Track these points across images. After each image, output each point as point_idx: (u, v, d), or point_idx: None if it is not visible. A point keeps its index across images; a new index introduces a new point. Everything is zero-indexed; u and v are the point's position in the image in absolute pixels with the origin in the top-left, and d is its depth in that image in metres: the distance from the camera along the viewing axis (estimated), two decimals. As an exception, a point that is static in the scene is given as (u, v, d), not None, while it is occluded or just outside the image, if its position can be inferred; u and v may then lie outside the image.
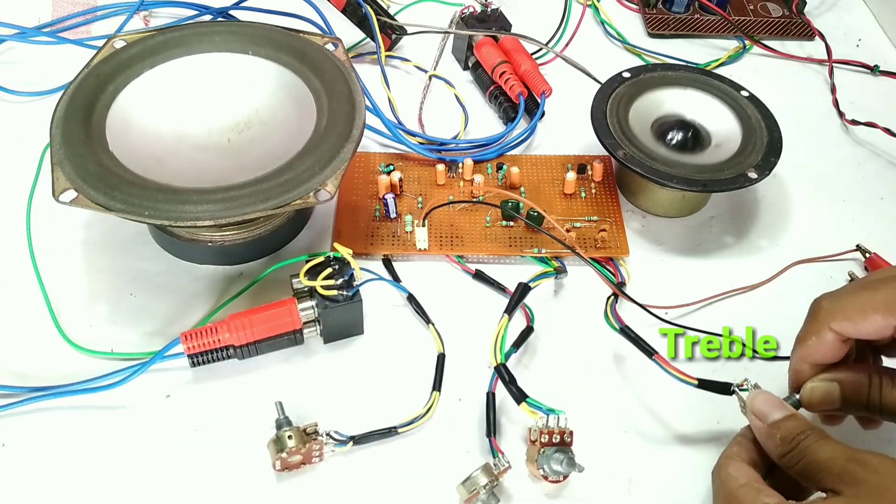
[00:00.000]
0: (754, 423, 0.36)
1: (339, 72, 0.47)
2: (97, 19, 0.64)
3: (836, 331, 0.36)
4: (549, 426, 0.38)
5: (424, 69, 0.62)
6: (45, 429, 0.41)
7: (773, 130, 0.51)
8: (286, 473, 0.39)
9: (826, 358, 0.37)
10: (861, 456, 0.32)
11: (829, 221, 0.53)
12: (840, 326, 0.36)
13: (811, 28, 0.67)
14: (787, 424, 0.35)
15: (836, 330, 0.36)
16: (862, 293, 0.36)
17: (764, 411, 0.36)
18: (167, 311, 0.46)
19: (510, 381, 0.41)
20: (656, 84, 0.53)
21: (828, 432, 0.34)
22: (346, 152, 0.43)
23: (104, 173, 0.41)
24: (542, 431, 0.38)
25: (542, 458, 0.37)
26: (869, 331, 0.35)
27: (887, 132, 0.57)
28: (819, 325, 0.36)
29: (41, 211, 0.49)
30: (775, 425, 0.35)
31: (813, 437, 0.34)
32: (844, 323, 0.36)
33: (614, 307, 0.44)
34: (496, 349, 0.42)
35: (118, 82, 0.47)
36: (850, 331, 0.36)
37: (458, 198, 0.52)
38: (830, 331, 0.36)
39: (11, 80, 0.59)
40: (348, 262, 0.43)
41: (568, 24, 0.64)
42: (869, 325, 0.35)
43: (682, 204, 0.52)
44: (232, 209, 0.41)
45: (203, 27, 0.50)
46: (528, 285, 0.45)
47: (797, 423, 0.35)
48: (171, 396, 0.42)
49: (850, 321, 0.36)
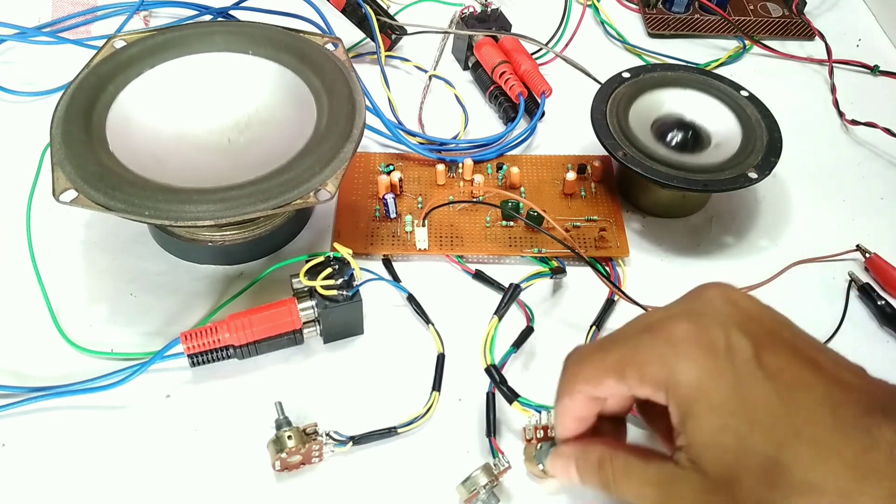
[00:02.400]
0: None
1: (339, 72, 0.47)
2: (97, 19, 0.64)
3: (584, 395, 0.33)
4: (543, 422, 0.38)
5: (424, 69, 0.62)
6: (45, 429, 0.41)
7: (773, 130, 0.51)
8: (286, 474, 0.39)
9: (582, 413, 0.34)
10: None
11: (829, 221, 0.53)
12: (583, 388, 0.33)
13: (811, 28, 0.67)
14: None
15: (584, 394, 0.33)
16: (596, 354, 0.33)
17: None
18: (167, 311, 0.46)
19: (501, 382, 0.41)
20: (656, 84, 0.53)
21: None
22: (346, 152, 0.43)
23: (104, 173, 0.41)
24: (537, 428, 0.38)
25: (540, 453, 0.37)
26: (608, 394, 0.33)
27: (887, 132, 0.57)
28: (568, 384, 0.34)
29: (41, 211, 0.49)
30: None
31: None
32: (585, 386, 0.33)
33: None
34: (486, 350, 0.43)
35: (118, 82, 0.47)
36: (592, 392, 0.33)
37: (458, 198, 0.52)
38: (579, 395, 0.34)
39: (11, 80, 0.59)
40: (348, 262, 0.43)
41: (568, 24, 0.64)
42: (604, 389, 0.33)
43: (682, 204, 0.52)
44: (232, 209, 0.41)
45: (203, 27, 0.50)
46: (518, 286, 0.45)
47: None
48: (171, 396, 0.42)
49: (588, 384, 0.33)
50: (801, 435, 0.29)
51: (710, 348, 0.30)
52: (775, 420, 0.29)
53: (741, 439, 0.29)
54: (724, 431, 0.30)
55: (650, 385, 0.31)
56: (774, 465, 0.29)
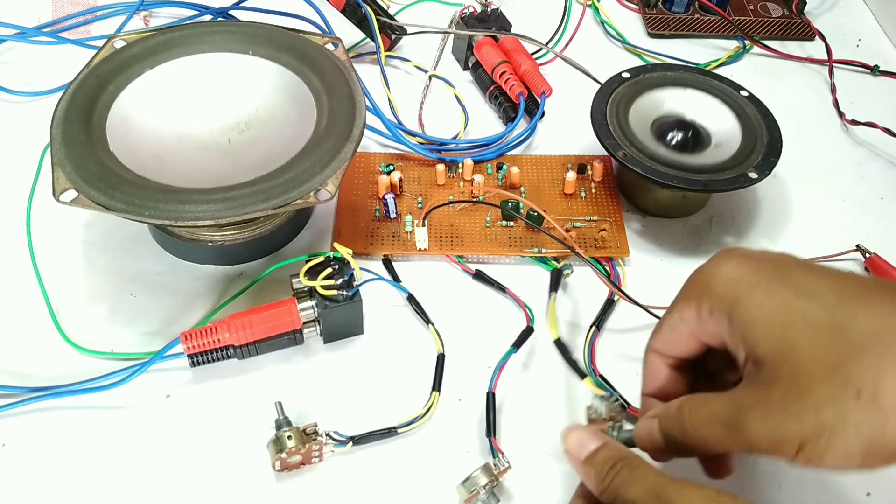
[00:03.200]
0: (571, 463, 0.33)
1: (339, 72, 0.47)
2: (97, 19, 0.64)
3: (652, 352, 0.35)
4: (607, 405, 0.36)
5: (424, 69, 0.62)
6: (45, 429, 0.41)
7: (773, 130, 0.51)
8: (286, 474, 0.39)
9: (657, 368, 0.35)
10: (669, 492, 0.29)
11: (829, 221, 0.53)
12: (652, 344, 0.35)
13: (811, 28, 0.67)
14: (598, 458, 0.32)
15: (652, 349, 0.35)
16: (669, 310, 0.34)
17: (577, 448, 0.33)
18: (167, 311, 0.46)
19: (568, 358, 0.41)
20: (656, 84, 0.53)
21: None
22: (347, 152, 0.43)
23: (104, 173, 0.41)
24: (601, 409, 0.36)
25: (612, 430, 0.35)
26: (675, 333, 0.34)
27: (887, 132, 0.57)
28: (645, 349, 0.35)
29: (41, 211, 0.49)
30: (589, 461, 0.32)
31: (624, 470, 0.31)
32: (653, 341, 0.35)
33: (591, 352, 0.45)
34: (553, 324, 0.43)
35: (118, 82, 0.47)
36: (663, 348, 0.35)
37: (458, 198, 0.52)
38: (648, 352, 0.35)
39: (11, 80, 0.59)
40: (348, 262, 0.43)
41: (568, 24, 0.64)
42: (665, 332, 0.34)
43: (682, 204, 0.52)
44: (232, 209, 0.41)
45: (203, 27, 0.50)
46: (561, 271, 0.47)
47: (608, 455, 0.32)
48: (170, 396, 0.42)
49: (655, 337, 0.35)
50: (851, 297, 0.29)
51: (749, 256, 0.32)
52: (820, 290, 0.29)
53: (786, 304, 0.29)
54: (768, 299, 0.30)
55: (693, 300, 0.32)
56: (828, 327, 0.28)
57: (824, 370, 0.28)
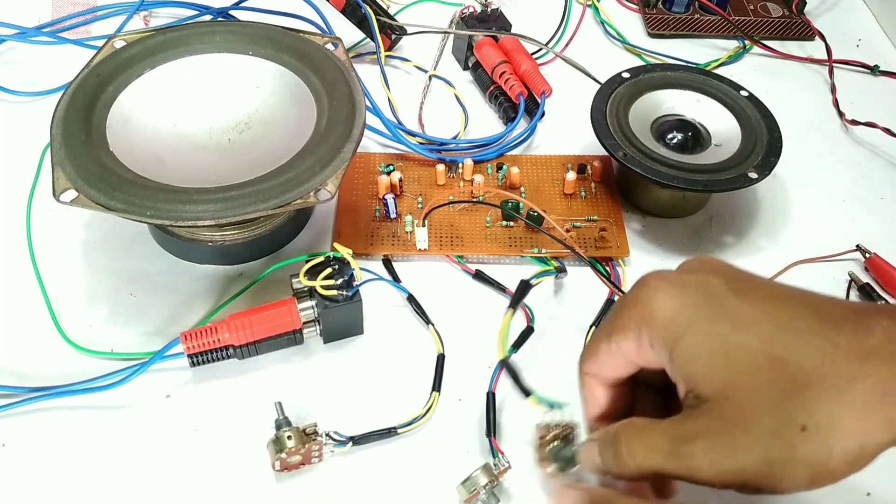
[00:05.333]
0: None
1: (339, 72, 0.47)
2: (97, 19, 0.64)
3: (587, 373, 0.35)
4: (557, 419, 0.37)
5: (424, 69, 0.62)
6: (45, 429, 0.41)
7: (773, 130, 0.51)
8: (285, 474, 0.39)
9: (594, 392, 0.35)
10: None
11: (829, 221, 0.53)
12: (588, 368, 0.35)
13: (811, 28, 0.67)
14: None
15: (587, 372, 0.35)
16: (593, 338, 0.35)
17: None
18: (167, 311, 0.46)
19: (515, 377, 0.41)
20: (656, 84, 0.53)
21: None
22: (347, 152, 0.43)
23: (104, 173, 0.41)
24: (550, 426, 0.37)
25: (554, 451, 0.36)
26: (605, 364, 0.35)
27: (887, 132, 0.57)
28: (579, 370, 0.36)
29: (41, 211, 0.49)
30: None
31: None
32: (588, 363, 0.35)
33: None
34: (502, 343, 0.42)
35: (118, 82, 0.47)
36: (593, 369, 0.35)
37: (458, 198, 0.52)
38: (584, 373, 0.35)
39: (11, 80, 0.59)
40: (348, 262, 0.43)
41: (568, 24, 0.64)
42: (600, 359, 0.34)
43: (682, 204, 0.52)
44: (232, 209, 0.41)
45: (203, 27, 0.50)
46: (529, 282, 0.45)
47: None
48: (170, 396, 0.42)
49: (588, 360, 0.35)
50: (788, 329, 0.29)
51: (684, 285, 0.31)
52: (756, 320, 0.29)
53: (726, 339, 0.29)
54: (708, 337, 0.30)
55: (632, 331, 0.32)
56: (768, 360, 0.28)
57: (769, 404, 0.28)
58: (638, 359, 0.33)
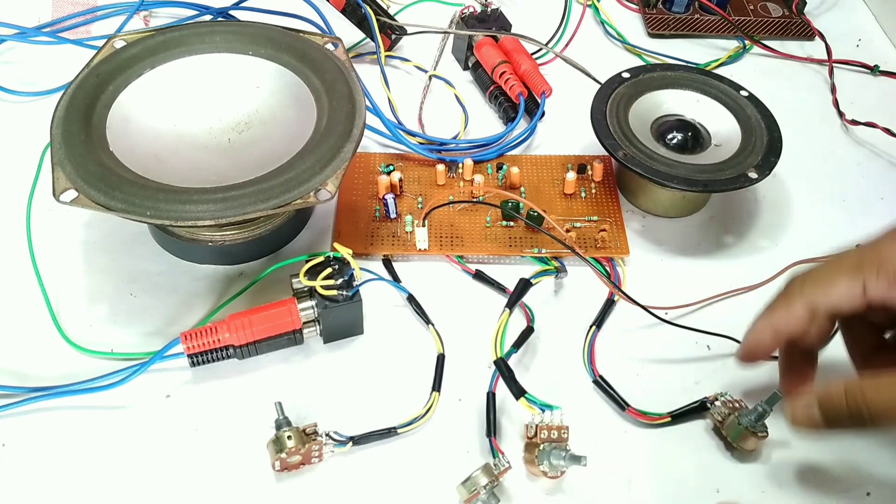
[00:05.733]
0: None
1: (339, 72, 0.47)
2: (97, 19, 0.64)
3: (807, 299, 0.37)
4: (547, 422, 0.38)
5: (424, 69, 0.62)
6: (45, 429, 0.41)
7: (773, 130, 0.51)
8: (285, 474, 0.39)
9: (790, 327, 0.37)
10: None
11: (829, 221, 0.53)
12: (811, 293, 0.37)
13: (811, 28, 0.67)
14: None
15: (808, 298, 0.37)
16: (829, 263, 0.37)
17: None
18: (167, 311, 0.46)
19: (510, 377, 0.41)
20: (656, 84, 0.53)
21: None
22: (347, 152, 0.43)
23: (104, 173, 0.41)
24: (540, 427, 0.38)
25: (543, 454, 0.37)
26: (838, 295, 0.36)
27: (887, 132, 0.57)
28: (790, 295, 0.37)
29: (41, 211, 0.49)
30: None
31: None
32: (812, 288, 0.37)
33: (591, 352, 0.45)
34: (497, 344, 0.42)
35: (118, 82, 0.47)
36: (821, 297, 0.36)
37: (458, 198, 0.52)
38: (801, 299, 0.37)
39: (11, 80, 0.59)
40: (348, 262, 0.43)
41: (568, 24, 0.64)
42: (835, 290, 0.36)
43: (682, 204, 0.52)
44: (232, 209, 0.41)
45: (203, 27, 0.50)
46: (528, 281, 0.45)
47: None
48: (170, 396, 0.42)
49: (817, 286, 0.36)
50: None
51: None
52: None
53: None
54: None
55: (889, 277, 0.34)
56: None
57: None
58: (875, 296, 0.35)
